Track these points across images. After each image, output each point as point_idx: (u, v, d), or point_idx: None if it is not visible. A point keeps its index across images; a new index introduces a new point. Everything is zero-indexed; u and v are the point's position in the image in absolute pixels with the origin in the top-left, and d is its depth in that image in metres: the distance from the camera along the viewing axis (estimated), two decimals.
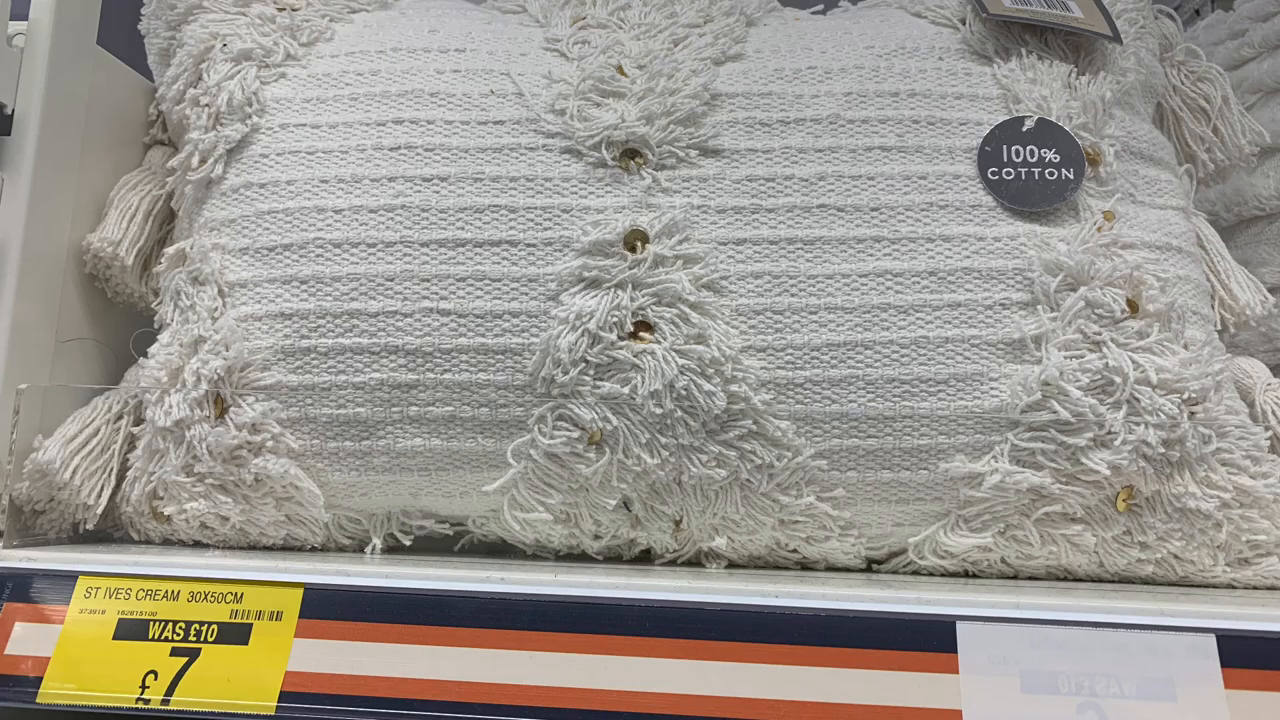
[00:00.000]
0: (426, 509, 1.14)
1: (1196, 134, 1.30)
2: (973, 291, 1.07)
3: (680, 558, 1.13)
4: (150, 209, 1.26)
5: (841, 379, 1.05)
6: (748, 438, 1.04)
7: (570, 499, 1.08)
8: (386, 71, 1.19)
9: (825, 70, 1.17)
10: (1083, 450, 1.02)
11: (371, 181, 1.12)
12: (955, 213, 1.10)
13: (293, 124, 1.18)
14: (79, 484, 1.11)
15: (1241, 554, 1.06)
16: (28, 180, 1.16)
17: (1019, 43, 1.20)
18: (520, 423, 1.07)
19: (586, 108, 1.13)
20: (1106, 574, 1.08)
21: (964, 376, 1.05)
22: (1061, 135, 1.13)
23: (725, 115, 1.14)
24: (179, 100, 1.25)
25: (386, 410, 1.07)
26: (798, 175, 1.11)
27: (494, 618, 0.90)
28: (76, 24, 1.24)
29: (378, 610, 0.91)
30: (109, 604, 0.94)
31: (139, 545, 1.14)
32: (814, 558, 1.11)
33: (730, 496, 1.06)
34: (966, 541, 1.06)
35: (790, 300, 1.07)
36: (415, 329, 1.07)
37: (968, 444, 1.04)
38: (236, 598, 0.93)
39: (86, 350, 1.25)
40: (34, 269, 1.17)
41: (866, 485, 1.06)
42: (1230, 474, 1.05)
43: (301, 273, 1.10)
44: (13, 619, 0.94)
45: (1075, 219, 1.11)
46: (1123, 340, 1.05)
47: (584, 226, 1.08)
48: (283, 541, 1.13)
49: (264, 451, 1.08)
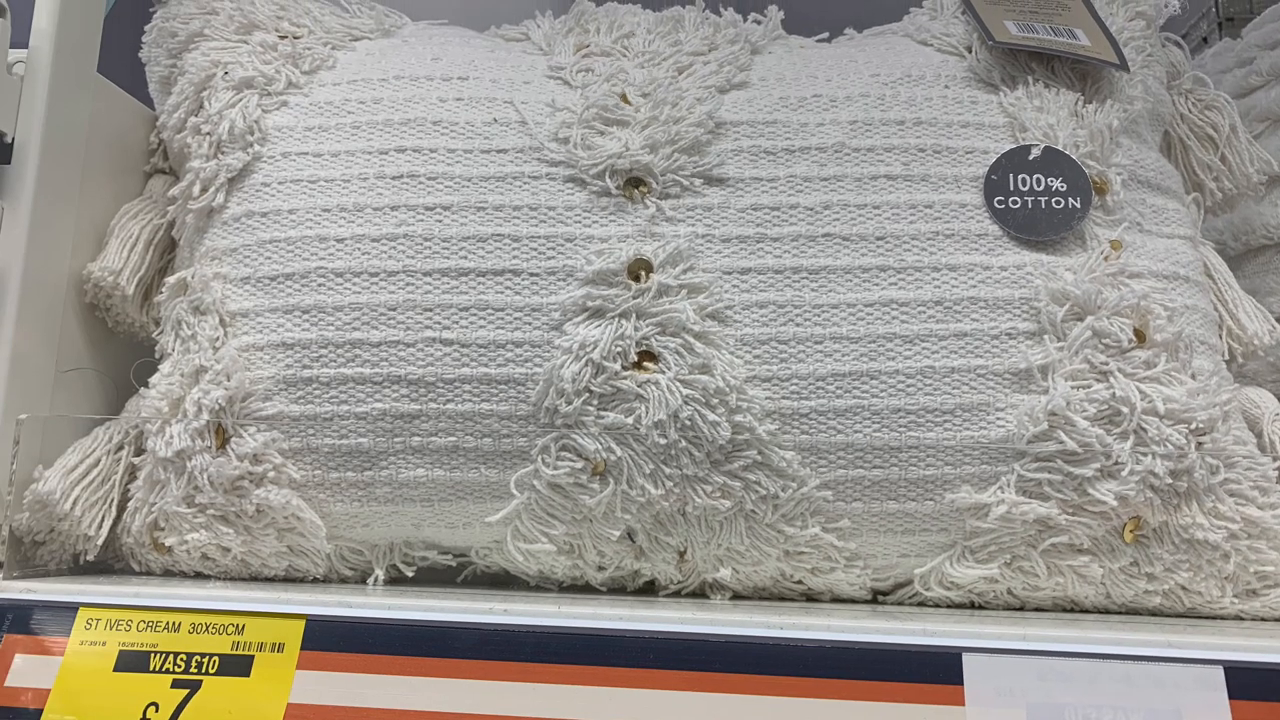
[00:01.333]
0: (429, 540, 1.14)
1: (1204, 162, 1.31)
2: (979, 321, 1.07)
3: (685, 589, 1.13)
4: (151, 238, 1.27)
5: (847, 409, 1.06)
6: (752, 468, 1.05)
7: (574, 530, 1.08)
8: (389, 99, 1.20)
9: (831, 98, 1.18)
10: (1090, 481, 1.02)
11: (374, 210, 1.12)
12: (961, 242, 1.10)
13: (295, 152, 1.18)
14: (79, 515, 1.11)
15: (1249, 585, 1.06)
16: (28, 209, 1.17)
17: (1026, 71, 1.21)
18: (523, 453, 1.07)
19: (590, 136, 1.14)
20: (1113, 605, 1.08)
21: (970, 407, 1.05)
22: (1068, 164, 1.13)
23: (730, 144, 1.15)
24: (180, 128, 1.26)
25: (389, 441, 1.08)
26: (803, 204, 1.12)
27: (497, 649, 0.90)
28: (77, 52, 1.24)
29: (380, 642, 0.91)
30: (110, 635, 0.94)
31: (140, 576, 1.15)
32: (819, 589, 1.11)
33: (735, 527, 1.07)
34: (972, 573, 1.06)
35: (795, 330, 1.07)
36: (418, 359, 1.08)
37: (974, 475, 1.05)
38: (238, 629, 0.93)
39: (87, 380, 1.26)
40: (34, 298, 1.17)
41: (872, 516, 1.06)
42: (1238, 505, 1.05)
43: (303, 302, 1.11)
44: (13, 651, 0.94)
45: (1082, 248, 1.11)
46: (1130, 370, 1.05)
47: (588, 255, 1.09)
48: (284, 573, 1.14)
49: (265, 482, 1.09)
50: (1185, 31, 2.01)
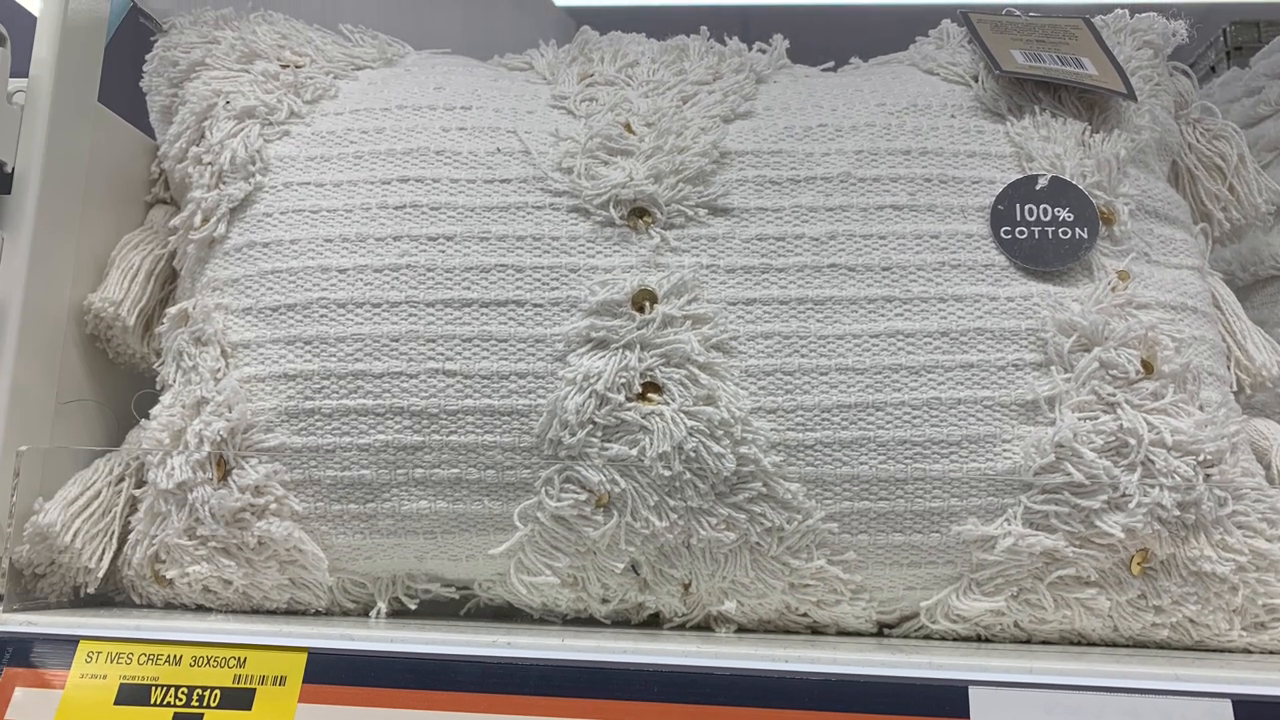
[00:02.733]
0: (432, 572, 1.15)
1: (1212, 192, 1.31)
2: (985, 352, 1.08)
3: (689, 622, 1.13)
4: (152, 268, 1.28)
5: (852, 441, 1.06)
6: (757, 500, 1.05)
7: (578, 562, 1.09)
8: (391, 129, 1.21)
9: (836, 128, 1.19)
10: (1097, 513, 1.03)
11: (376, 241, 1.13)
12: (968, 272, 1.11)
13: (296, 182, 1.19)
14: (80, 547, 1.11)
15: (1258, 618, 1.06)
16: (28, 239, 1.17)
17: (1032, 100, 1.22)
18: (527, 485, 1.08)
19: (594, 166, 1.15)
20: (1121, 638, 1.08)
21: (976, 438, 1.06)
22: (1075, 194, 1.14)
23: (735, 173, 1.16)
24: (181, 158, 1.27)
25: (392, 472, 1.09)
26: (808, 234, 1.12)
27: (500, 682, 0.90)
28: (77, 81, 1.25)
29: (383, 675, 0.91)
30: (110, 669, 0.94)
31: (141, 609, 1.15)
32: (825, 622, 1.11)
33: (740, 560, 1.07)
34: (979, 605, 1.06)
35: (800, 361, 1.08)
36: (421, 390, 1.09)
37: (980, 506, 1.05)
38: (240, 662, 0.94)
39: (87, 412, 1.26)
40: (34, 329, 1.18)
41: (878, 548, 1.07)
42: (1246, 537, 1.06)
43: (306, 333, 1.11)
44: (13, 684, 0.95)
45: (1089, 279, 1.12)
46: (1137, 401, 1.06)
47: (591, 286, 1.09)
48: (286, 605, 1.14)
49: (267, 514, 1.09)
50: (1193, 60, 2.02)
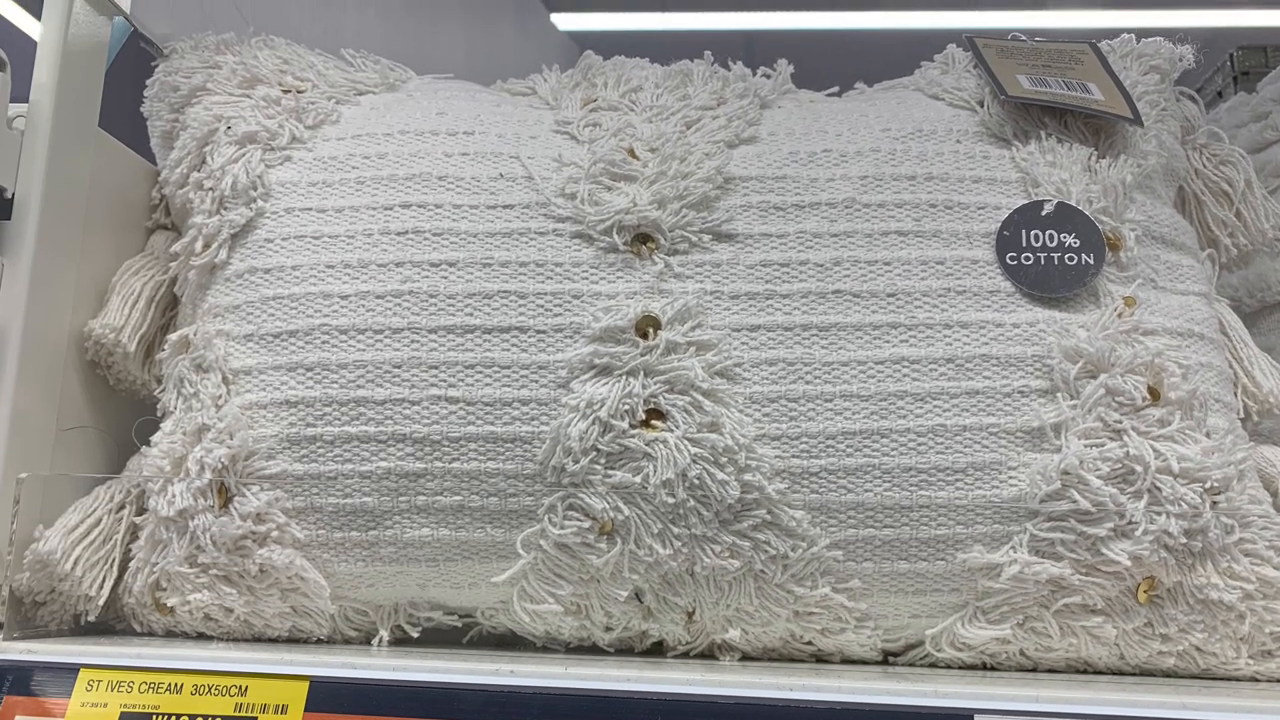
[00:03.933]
0: (434, 600, 1.16)
1: (1219, 218, 1.32)
2: (991, 379, 1.09)
3: (693, 650, 1.14)
4: (153, 294, 1.28)
5: (857, 468, 1.07)
6: (762, 528, 1.06)
7: (581, 590, 1.09)
8: (394, 154, 1.22)
9: (841, 153, 1.20)
10: (1103, 540, 1.03)
11: (378, 267, 1.14)
12: (973, 298, 1.12)
13: (298, 208, 1.20)
14: (80, 575, 1.12)
15: (1265, 646, 1.07)
16: (28, 265, 1.18)
17: (1038, 125, 1.23)
18: (530, 512, 1.08)
19: (597, 191, 1.15)
20: (1127, 666, 1.09)
21: (982, 465, 1.07)
22: (1081, 220, 1.15)
23: (739, 199, 1.17)
24: (182, 184, 1.27)
25: (394, 500, 1.09)
26: (813, 260, 1.13)
27: (503, 711, 0.91)
28: (78, 106, 1.26)
29: (385, 703, 0.92)
30: (111, 697, 0.95)
31: (141, 637, 1.16)
32: (829, 650, 1.12)
33: (744, 588, 1.08)
34: (985, 633, 1.07)
35: (805, 388, 1.09)
36: (423, 417, 1.09)
37: (986, 534, 1.06)
38: (241, 691, 0.94)
39: (88, 439, 1.27)
40: (34, 356, 1.19)
41: (883, 576, 1.08)
42: (1253, 565, 1.06)
43: (307, 359, 1.12)
44: (13, 712, 0.95)
45: (1095, 305, 1.13)
46: (1144, 428, 1.06)
47: (595, 312, 1.10)
48: (288, 633, 1.15)
49: (269, 542, 1.10)
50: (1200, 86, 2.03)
